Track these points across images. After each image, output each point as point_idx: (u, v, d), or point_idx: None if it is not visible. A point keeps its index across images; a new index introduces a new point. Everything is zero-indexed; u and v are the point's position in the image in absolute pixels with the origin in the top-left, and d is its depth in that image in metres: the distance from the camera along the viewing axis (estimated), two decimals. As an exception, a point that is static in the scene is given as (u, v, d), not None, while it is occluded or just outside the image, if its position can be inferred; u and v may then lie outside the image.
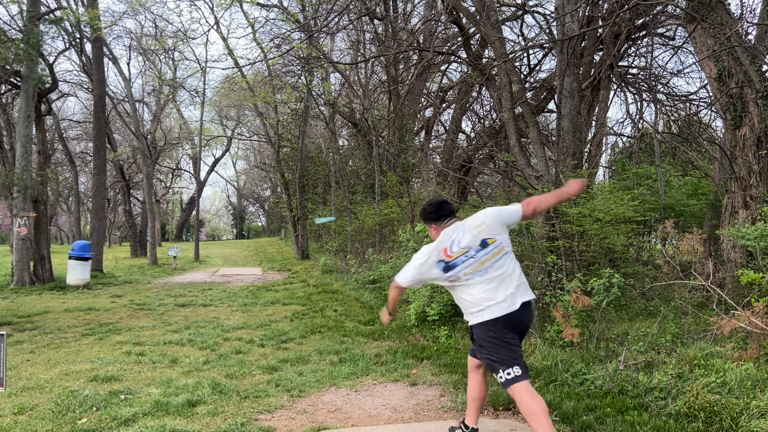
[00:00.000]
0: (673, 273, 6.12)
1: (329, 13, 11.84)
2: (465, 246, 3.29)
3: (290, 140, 22.48)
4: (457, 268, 3.28)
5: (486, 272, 3.27)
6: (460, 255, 3.28)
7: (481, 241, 3.31)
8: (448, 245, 3.31)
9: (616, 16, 9.33)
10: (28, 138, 13.52)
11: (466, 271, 3.27)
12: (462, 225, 3.38)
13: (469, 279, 3.28)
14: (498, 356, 3.23)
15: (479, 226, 3.35)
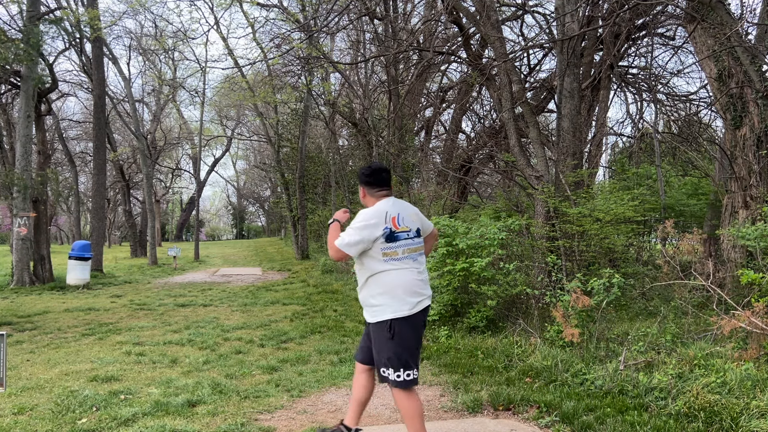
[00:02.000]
0: (673, 273, 6.12)
1: (329, 13, 11.84)
2: (408, 225, 3.24)
3: (290, 140, 22.48)
4: (399, 242, 3.18)
5: (416, 261, 3.24)
6: (404, 231, 3.21)
7: (417, 228, 3.30)
8: (397, 215, 3.21)
9: (616, 16, 9.33)
10: (28, 138, 13.52)
11: (405, 249, 3.20)
12: (402, 204, 3.33)
13: (404, 260, 3.19)
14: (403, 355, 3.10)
15: (417, 215, 3.35)
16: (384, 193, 3.31)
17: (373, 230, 3.13)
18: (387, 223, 3.16)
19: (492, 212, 11.38)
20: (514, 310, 6.97)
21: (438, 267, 7.04)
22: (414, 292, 3.16)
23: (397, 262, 3.16)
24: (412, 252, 3.22)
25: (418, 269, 3.23)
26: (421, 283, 3.22)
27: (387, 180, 3.34)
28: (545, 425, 3.92)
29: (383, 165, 3.43)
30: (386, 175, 3.35)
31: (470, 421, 4.04)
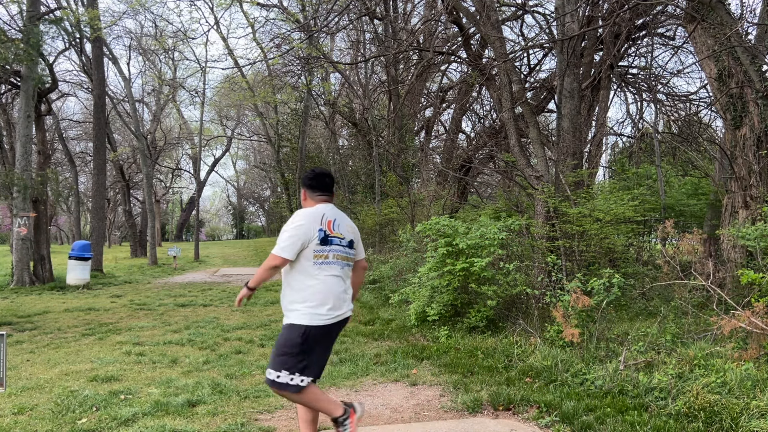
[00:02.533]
0: (673, 273, 6.12)
1: (329, 13, 11.84)
2: (342, 233, 3.25)
3: (290, 140, 22.49)
4: (331, 246, 3.17)
5: (344, 269, 3.24)
6: (337, 237, 3.21)
7: (351, 240, 3.31)
8: (333, 219, 3.22)
9: (616, 16, 9.33)
10: (28, 138, 13.52)
11: (335, 255, 3.18)
12: (341, 213, 3.34)
13: (333, 265, 3.17)
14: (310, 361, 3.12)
15: (353, 228, 3.38)
16: (323, 198, 3.32)
17: (308, 229, 3.10)
18: (322, 224, 3.15)
19: (492, 212, 11.38)
20: (514, 310, 6.97)
21: (438, 267, 7.04)
22: (337, 302, 3.16)
23: (326, 267, 3.14)
24: (341, 259, 3.21)
25: (344, 279, 3.25)
26: (345, 294, 3.22)
27: (329, 186, 3.35)
28: (545, 425, 3.92)
29: (327, 171, 3.44)
30: (329, 181, 3.35)
31: (470, 421, 4.04)
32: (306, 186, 3.35)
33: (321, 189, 3.32)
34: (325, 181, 3.33)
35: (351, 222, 3.40)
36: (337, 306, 3.15)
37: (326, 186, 3.33)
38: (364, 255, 3.54)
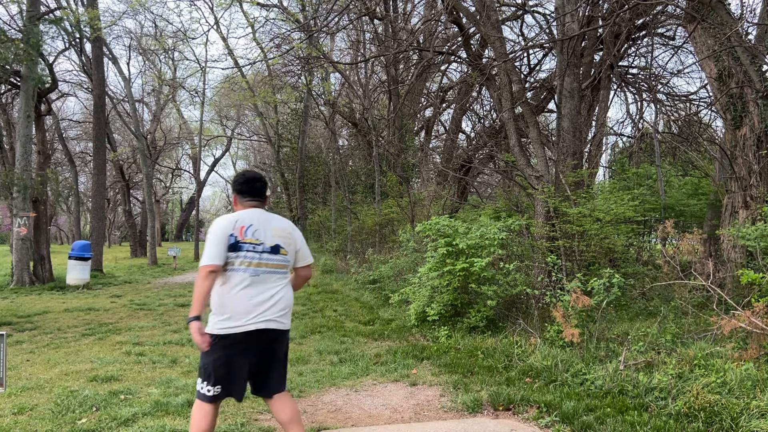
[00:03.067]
0: (673, 273, 6.12)
1: (329, 13, 11.84)
2: (259, 238, 3.08)
3: (290, 140, 22.48)
4: (239, 253, 3.02)
5: (258, 276, 3.05)
6: (251, 243, 3.05)
7: (275, 245, 3.12)
8: (247, 225, 3.08)
9: (616, 16, 9.33)
10: (27, 138, 13.52)
11: (246, 261, 3.03)
12: (267, 217, 3.18)
13: (240, 272, 3.01)
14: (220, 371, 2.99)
15: (283, 231, 3.18)
16: (252, 204, 3.19)
17: (221, 235, 3.01)
18: (234, 230, 3.03)
19: (492, 212, 11.38)
20: (514, 310, 6.97)
21: (438, 267, 7.04)
22: (242, 312, 2.98)
23: (234, 274, 3.01)
24: (256, 266, 3.03)
25: (260, 287, 3.04)
26: (259, 305, 3.00)
27: (259, 190, 3.23)
28: (545, 425, 3.92)
29: (259, 175, 3.31)
30: (260, 186, 3.23)
31: (470, 421, 4.04)
32: (236, 191, 3.23)
33: (250, 194, 3.20)
34: (254, 186, 3.21)
35: (285, 226, 3.22)
36: (239, 316, 2.96)
37: (256, 191, 3.21)
38: (306, 261, 3.31)
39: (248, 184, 3.22)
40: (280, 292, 3.11)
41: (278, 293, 3.10)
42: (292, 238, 3.22)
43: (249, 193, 3.21)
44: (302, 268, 3.32)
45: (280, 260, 3.14)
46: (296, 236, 3.26)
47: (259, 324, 3.01)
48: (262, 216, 3.16)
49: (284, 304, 3.13)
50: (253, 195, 3.22)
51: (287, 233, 3.20)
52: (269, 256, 3.09)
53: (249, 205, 3.20)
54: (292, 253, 3.22)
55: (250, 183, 3.22)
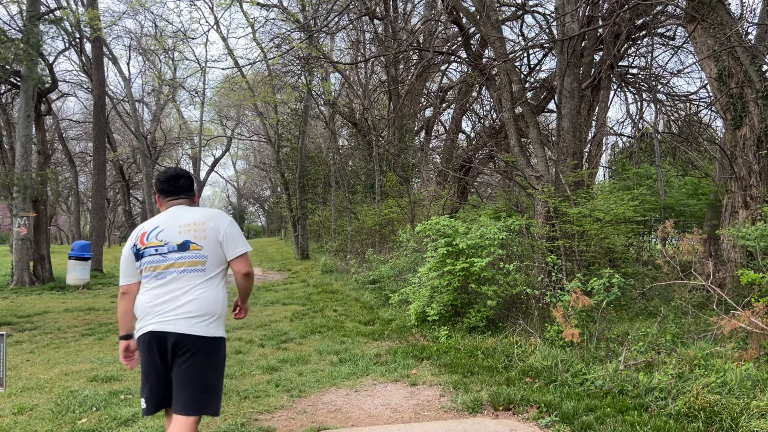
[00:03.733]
0: (673, 273, 6.12)
1: (329, 13, 11.84)
2: (163, 239, 2.80)
3: (290, 140, 22.47)
4: (143, 260, 2.81)
5: (164, 279, 2.77)
6: (152, 246, 2.80)
7: (184, 242, 2.79)
8: (150, 230, 2.84)
9: (616, 16, 9.33)
10: (27, 138, 13.52)
11: (148, 267, 2.80)
12: (180, 213, 2.88)
13: (147, 279, 2.80)
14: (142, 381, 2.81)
15: (195, 225, 2.82)
16: (175, 202, 2.93)
17: (126, 253, 2.86)
18: (136, 241, 2.85)
19: (492, 212, 11.39)
20: (514, 310, 6.97)
21: (438, 267, 7.04)
22: (144, 312, 2.77)
23: (144, 281, 2.82)
24: (161, 269, 2.78)
25: (166, 289, 2.75)
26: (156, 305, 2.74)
27: (183, 187, 2.95)
28: (545, 425, 3.92)
29: (182, 171, 3.02)
30: (184, 182, 2.96)
31: (470, 421, 4.04)
32: (157, 191, 2.97)
33: (173, 193, 2.94)
34: (177, 183, 2.94)
35: (199, 217, 2.84)
36: (142, 318, 2.77)
37: (179, 188, 2.94)
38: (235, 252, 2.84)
39: (170, 183, 2.94)
40: (191, 292, 2.75)
41: (189, 293, 2.74)
42: (208, 229, 2.81)
43: (172, 192, 2.94)
44: (233, 262, 2.86)
45: (192, 257, 2.78)
46: (215, 225, 2.83)
47: (157, 325, 2.71)
48: (175, 213, 2.87)
49: (196, 306, 2.73)
50: (177, 193, 2.94)
51: (200, 225, 2.82)
52: (178, 255, 2.77)
53: (171, 204, 2.93)
54: (211, 245, 2.80)
55: (171, 181, 2.94)
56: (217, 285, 2.82)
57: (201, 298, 2.74)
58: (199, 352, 2.70)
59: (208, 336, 2.72)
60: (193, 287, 2.75)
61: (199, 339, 2.70)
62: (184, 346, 2.68)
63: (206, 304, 2.75)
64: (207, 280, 2.79)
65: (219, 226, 2.83)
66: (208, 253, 2.79)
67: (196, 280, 2.77)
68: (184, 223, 2.82)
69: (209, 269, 2.79)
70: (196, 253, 2.78)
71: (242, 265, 2.86)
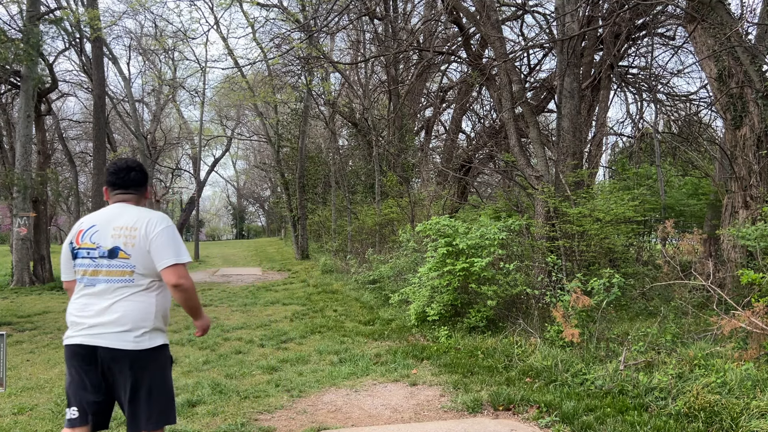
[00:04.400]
0: (673, 273, 6.12)
1: (329, 13, 11.84)
2: (96, 241, 2.60)
3: (290, 140, 22.47)
4: (77, 260, 2.63)
5: (94, 287, 2.58)
6: (85, 248, 2.61)
7: (113, 248, 2.58)
8: (86, 228, 2.64)
9: (616, 16, 9.33)
10: (28, 138, 13.52)
11: (81, 270, 2.62)
12: (119, 212, 2.66)
13: (80, 282, 2.63)
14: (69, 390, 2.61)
15: (127, 229, 2.60)
16: (121, 197, 2.72)
17: (64, 248, 2.69)
18: (72, 237, 2.66)
19: (492, 212, 11.39)
20: (514, 310, 6.97)
21: (438, 267, 7.04)
22: (72, 321, 2.59)
23: (77, 283, 2.65)
24: (89, 275, 2.59)
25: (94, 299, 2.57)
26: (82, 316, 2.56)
27: (132, 181, 2.73)
28: (545, 425, 3.92)
29: (134, 164, 2.79)
30: (135, 175, 2.73)
31: (470, 421, 4.04)
32: (106, 182, 2.77)
33: (120, 186, 2.71)
34: (127, 176, 2.72)
35: (133, 221, 2.61)
36: (70, 327, 2.59)
37: (126, 182, 2.71)
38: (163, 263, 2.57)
39: (119, 174, 2.71)
40: (119, 304, 2.54)
41: (115, 306, 2.54)
42: (138, 236, 2.58)
43: (120, 186, 2.71)
44: (162, 273, 2.58)
45: (119, 266, 2.57)
46: (145, 233, 2.58)
47: (85, 338, 2.52)
48: (115, 212, 2.67)
49: (124, 319, 2.52)
50: (126, 187, 2.72)
51: (131, 231, 2.59)
52: (107, 263, 2.57)
53: (117, 198, 2.72)
54: (140, 254, 2.57)
55: (121, 173, 2.71)
56: (149, 296, 2.61)
57: (129, 311, 2.54)
58: (133, 367, 2.53)
59: (139, 350, 2.53)
60: (121, 299, 2.55)
61: (130, 354, 2.51)
62: (116, 361, 2.51)
63: (135, 318, 2.54)
64: (137, 292, 2.58)
65: (149, 233, 2.58)
66: (136, 262, 2.58)
67: (124, 292, 2.57)
68: (117, 225, 2.61)
69: (138, 280, 2.59)
70: (124, 262, 2.57)
71: (170, 276, 2.57)
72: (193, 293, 2.67)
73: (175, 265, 2.57)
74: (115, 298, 2.55)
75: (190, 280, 2.63)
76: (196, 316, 2.80)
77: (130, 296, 2.57)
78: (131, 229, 2.59)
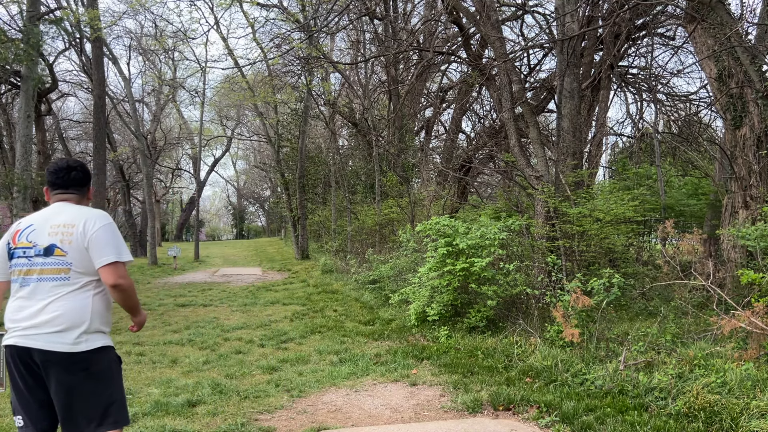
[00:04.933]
0: (673, 273, 6.12)
1: (329, 13, 11.84)
2: (32, 240, 2.53)
3: (290, 140, 22.47)
4: (13, 261, 2.56)
5: (28, 287, 2.50)
6: (21, 247, 2.54)
7: (50, 245, 2.51)
8: (24, 227, 2.58)
9: (616, 16, 9.33)
10: (28, 138, 13.52)
11: (17, 270, 2.54)
12: (57, 211, 2.60)
13: (15, 283, 2.55)
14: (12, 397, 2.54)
15: (65, 227, 2.53)
16: (61, 197, 2.65)
17: (2, 245, 2.61)
18: (9, 237, 2.59)
19: (492, 212, 11.38)
20: (514, 310, 6.97)
21: (438, 267, 7.04)
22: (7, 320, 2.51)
23: (12, 284, 2.57)
24: (23, 274, 2.52)
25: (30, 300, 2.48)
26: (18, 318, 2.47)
27: (73, 181, 2.67)
28: (545, 425, 3.92)
29: (76, 163, 2.73)
30: (75, 175, 2.67)
31: (470, 421, 4.04)
32: (46, 182, 2.72)
33: (60, 186, 2.65)
34: (66, 176, 2.65)
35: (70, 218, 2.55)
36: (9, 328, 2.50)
37: (66, 182, 2.65)
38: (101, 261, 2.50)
39: (58, 174, 2.65)
40: (54, 304, 2.45)
41: (50, 306, 2.45)
42: (76, 233, 2.51)
43: (60, 185, 2.65)
44: (100, 271, 2.51)
45: (54, 264, 2.49)
46: (83, 230, 2.51)
47: (20, 339, 2.44)
48: (54, 211, 2.60)
49: (59, 319, 2.43)
50: (66, 186, 2.66)
51: (69, 228, 2.52)
52: (42, 260, 2.50)
53: (57, 198, 2.66)
54: (77, 252, 2.50)
55: (61, 172, 2.65)
56: (86, 296, 2.51)
57: (64, 311, 2.45)
58: (69, 370, 2.42)
59: (76, 352, 2.42)
60: (56, 298, 2.47)
61: (66, 356, 2.41)
62: (51, 363, 2.41)
63: (70, 318, 2.44)
64: (73, 290, 2.50)
65: (87, 230, 2.51)
66: (72, 259, 2.50)
67: (60, 290, 2.48)
68: (55, 223, 2.54)
69: (74, 278, 2.50)
70: (60, 259, 2.50)
71: (108, 275, 2.49)
72: (132, 293, 2.61)
73: (115, 264, 2.50)
74: (50, 297, 2.47)
75: (129, 279, 2.56)
76: (135, 314, 2.75)
77: (65, 295, 2.48)
78: (69, 226, 2.52)
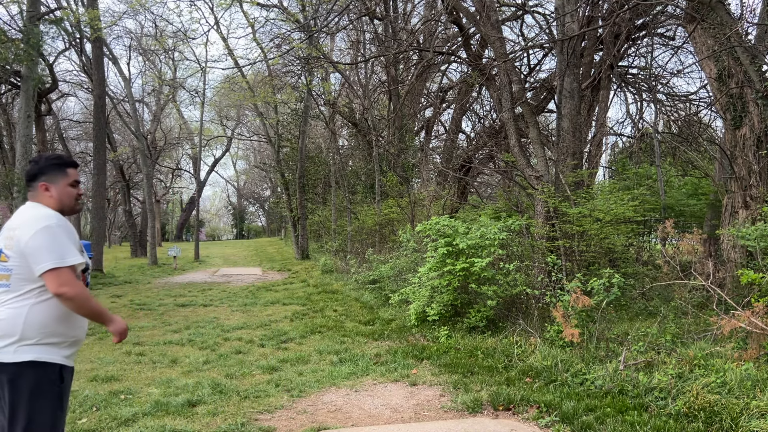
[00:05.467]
0: (673, 273, 6.12)
1: (329, 13, 11.84)
2: None
3: (290, 140, 22.48)
4: None
5: None
6: None
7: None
8: None
9: (616, 16, 9.33)
10: (28, 138, 13.52)
11: None
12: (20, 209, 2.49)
13: None
14: None
15: (12, 230, 2.38)
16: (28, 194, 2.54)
17: None
18: None
19: (492, 212, 11.39)
20: (514, 310, 6.97)
21: (438, 267, 7.04)
22: None
23: None
24: None
25: None
26: None
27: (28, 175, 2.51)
28: (545, 425, 3.92)
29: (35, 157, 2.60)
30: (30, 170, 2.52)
31: (470, 421, 4.04)
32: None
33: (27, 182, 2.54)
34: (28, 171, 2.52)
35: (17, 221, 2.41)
36: None
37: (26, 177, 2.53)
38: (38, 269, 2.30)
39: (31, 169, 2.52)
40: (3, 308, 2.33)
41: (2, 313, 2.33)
42: (17, 238, 2.34)
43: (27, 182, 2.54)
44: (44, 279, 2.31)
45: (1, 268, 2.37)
46: (20, 234, 2.34)
47: None
48: (18, 211, 2.50)
49: None
50: (27, 182, 2.52)
51: (13, 231, 2.37)
52: None
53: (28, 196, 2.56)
54: (19, 257, 2.34)
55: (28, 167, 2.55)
56: (22, 305, 2.33)
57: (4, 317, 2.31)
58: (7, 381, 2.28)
59: (7, 362, 2.28)
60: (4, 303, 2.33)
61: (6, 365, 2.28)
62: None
63: (6, 326, 2.29)
64: (13, 298, 2.33)
65: (23, 235, 2.32)
66: (13, 265, 2.34)
67: (1, 297, 2.34)
68: (8, 225, 2.41)
69: (15, 285, 2.34)
70: (3, 265, 2.36)
71: (50, 283, 2.29)
72: (82, 301, 2.35)
73: (55, 270, 2.29)
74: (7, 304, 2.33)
75: (75, 286, 2.33)
76: (103, 322, 2.49)
77: (5, 302, 2.33)
78: (13, 229, 2.37)
